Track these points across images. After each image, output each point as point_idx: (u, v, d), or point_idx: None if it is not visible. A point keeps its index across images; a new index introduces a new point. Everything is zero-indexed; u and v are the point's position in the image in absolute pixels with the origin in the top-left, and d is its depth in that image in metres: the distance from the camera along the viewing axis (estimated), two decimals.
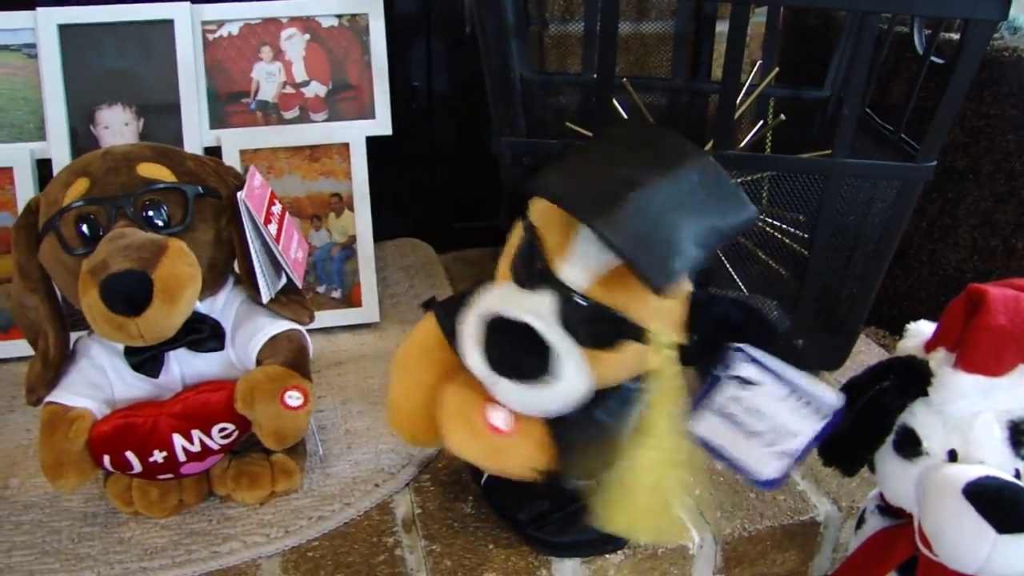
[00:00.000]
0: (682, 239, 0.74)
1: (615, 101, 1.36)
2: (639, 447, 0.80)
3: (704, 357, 0.83)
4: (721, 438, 0.84)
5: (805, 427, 0.82)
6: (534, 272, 0.79)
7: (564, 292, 0.77)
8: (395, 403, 0.95)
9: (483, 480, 1.00)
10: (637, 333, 0.78)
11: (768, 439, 0.82)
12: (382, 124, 1.39)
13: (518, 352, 0.77)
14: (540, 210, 0.81)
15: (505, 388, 0.79)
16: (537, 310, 0.76)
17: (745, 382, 0.82)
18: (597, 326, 0.78)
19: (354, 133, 1.37)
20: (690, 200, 0.76)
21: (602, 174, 0.77)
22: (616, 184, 0.74)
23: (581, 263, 0.77)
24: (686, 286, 0.81)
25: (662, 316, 0.79)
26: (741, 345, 0.82)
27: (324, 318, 1.37)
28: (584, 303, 0.77)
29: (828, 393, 0.81)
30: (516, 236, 0.83)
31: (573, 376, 0.77)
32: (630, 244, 0.71)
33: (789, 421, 0.82)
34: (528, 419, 0.83)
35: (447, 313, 0.90)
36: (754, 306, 0.84)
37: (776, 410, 0.82)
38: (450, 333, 0.88)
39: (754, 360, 0.82)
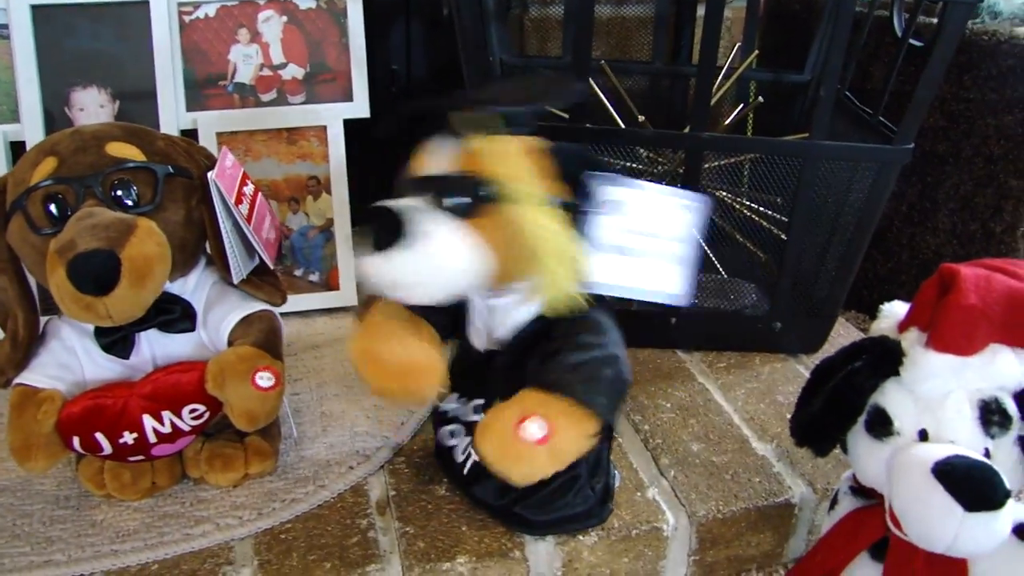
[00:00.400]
0: (509, 95, 0.90)
1: (594, 84, 1.36)
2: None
3: (575, 197, 0.88)
4: (620, 275, 0.87)
5: (685, 229, 0.87)
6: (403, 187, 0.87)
7: (426, 185, 0.85)
8: (371, 354, 0.93)
9: (465, 471, 0.99)
10: (493, 186, 0.83)
11: (660, 252, 0.87)
12: (360, 107, 1.38)
13: (383, 229, 0.81)
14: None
15: (379, 264, 0.81)
16: (402, 202, 0.83)
17: (614, 207, 0.87)
18: (460, 190, 0.83)
19: (332, 116, 1.36)
20: (525, 83, 0.98)
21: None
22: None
23: (434, 161, 0.87)
24: (533, 140, 0.88)
25: (521, 172, 0.85)
26: (598, 173, 0.88)
27: (301, 301, 1.36)
28: (442, 180, 0.85)
29: (689, 193, 0.89)
30: None
31: (437, 233, 0.81)
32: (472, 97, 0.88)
33: (670, 228, 0.87)
34: (552, 409, 0.84)
35: None
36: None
37: (654, 222, 0.87)
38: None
39: (614, 182, 0.87)
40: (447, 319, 0.97)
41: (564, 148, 0.88)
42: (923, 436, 0.78)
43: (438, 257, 0.82)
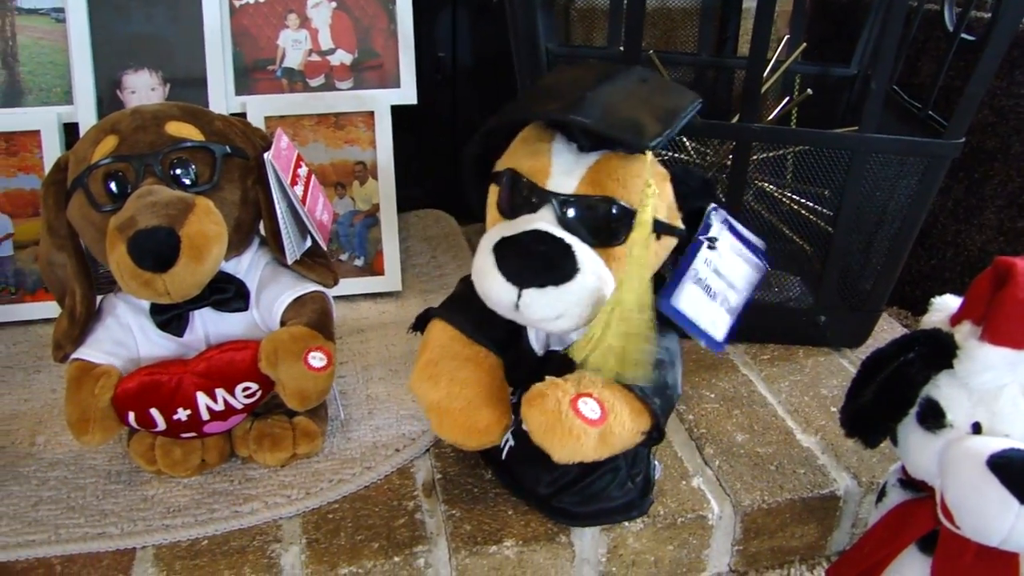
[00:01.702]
0: (642, 115, 0.82)
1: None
2: (611, 315, 0.81)
3: (691, 225, 0.88)
4: (695, 308, 0.87)
5: (743, 283, 0.88)
6: (523, 201, 0.84)
7: (557, 201, 0.83)
8: (443, 409, 0.90)
9: (503, 455, 1.00)
10: (630, 215, 0.81)
11: (722, 297, 0.88)
12: (407, 93, 1.39)
13: (535, 259, 0.79)
14: (506, 156, 0.88)
15: (531, 299, 0.80)
16: (539, 221, 0.81)
17: (713, 240, 0.87)
18: (598, 221, 0.82)
19: (379, 101, 1.37)
20: (637, 92, 0.86)
21: (555, 92, 0.86)
22: (572, 93, 0.83)
23: (564, 172, 0.84)
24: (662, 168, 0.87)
25: (655, 199, 0.82)
26: (716, 206, 0.88)
27: (346, 286, 1.37)
28: (578, 202, 0.83)
29: (763, 251, 0.90)
30: (493, 194, 0.89)
31: (590, 266, 0.80)
32: (602, 122, 0.80)
33: (735, 276, 0.88)
34: (610, 394, 0.83)
35: (451, 312, 0.93)
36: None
37: (729, 266, 0.88)
38: (466, 327, 0.92)
39: (725, 220, 0.88)
40: (504, 333, 0.94)
41: (689, 174, 0.87)
42: (976, 429, 0.78)
43: (589, 293, 0.81)
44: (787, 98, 1.47)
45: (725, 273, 0.88)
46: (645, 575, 1.01)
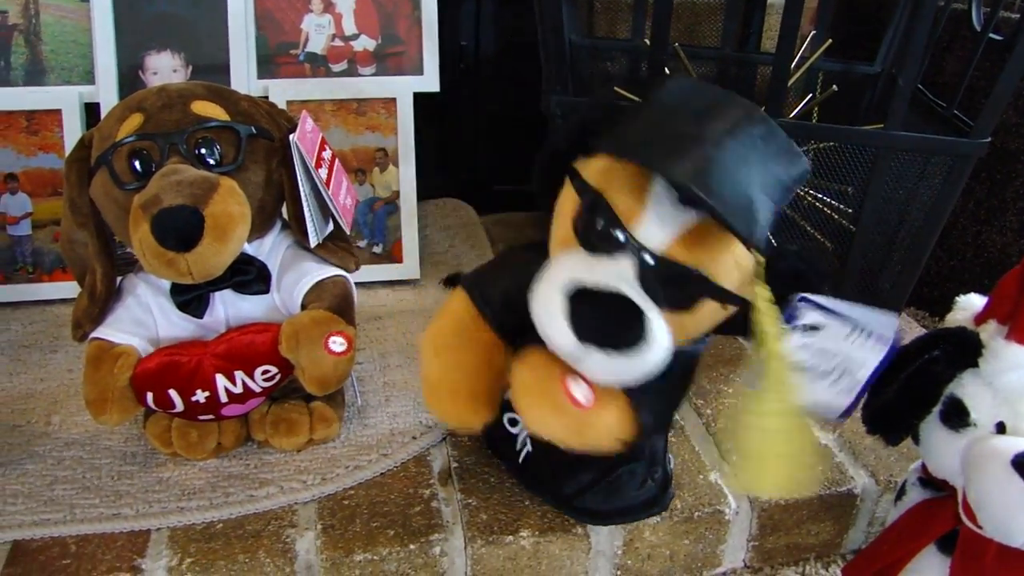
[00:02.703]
0: (756, 192, 0.73)
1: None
2: (763, 410, 0.78)
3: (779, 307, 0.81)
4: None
5: (870, 355, 0.82)
6: (605, 236, 0.76)
7: (643, 255, 0.75)
8: (433, 384, 0.89)
9: (520, 458, 0.99)
10: (718, 292, 0.77)
11: (835, 375, 0.83)
12: (430, 80, 1.38)
13: (610, 321, 0.74)
14: (598, 171, 0.79)
15: (596, 360, 0.74)
16: (619, 276, 0.74)
17: (810, 328, 0.81)
18: (678, 287, 0.76)
19: (401, 89, 1.37)
20: (756, 154, 0.75)
21: (668, 131, 0.75)
22: (687, 140, 0.72)
23: (658, 223, 0.75)
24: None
25: (738, 273, 0.78)
26: (804, 294, 0.82)
27: (364, 273, 1.36)
28: (665, 265, 0.75)
29: (885, 319, 0.83)
30: (570, 201, 0.81)
31: (660, 340, 0.75)
32: (719, 199, 0.69)
33: (856, 353, 0.82)
34: (606, 390, 0.80)
35: (478, 287, 0.89)
36: (810, 256, 0.82)
37: (843, 347, 0.83)
38: (485, 309, 0.88)
39: (818, 306, 0.82)
40: (525, 321, 0.86)
41: (786, 256, 0.81)
42: (1000, 429, 0.77)
43: (652, 366, 0.76)
44: (810, 95, 1.46)
45: (836, 353, 0.83)
46: (660, 569, 1.00)
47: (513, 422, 0.99)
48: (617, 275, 0.74)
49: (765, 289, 0.77)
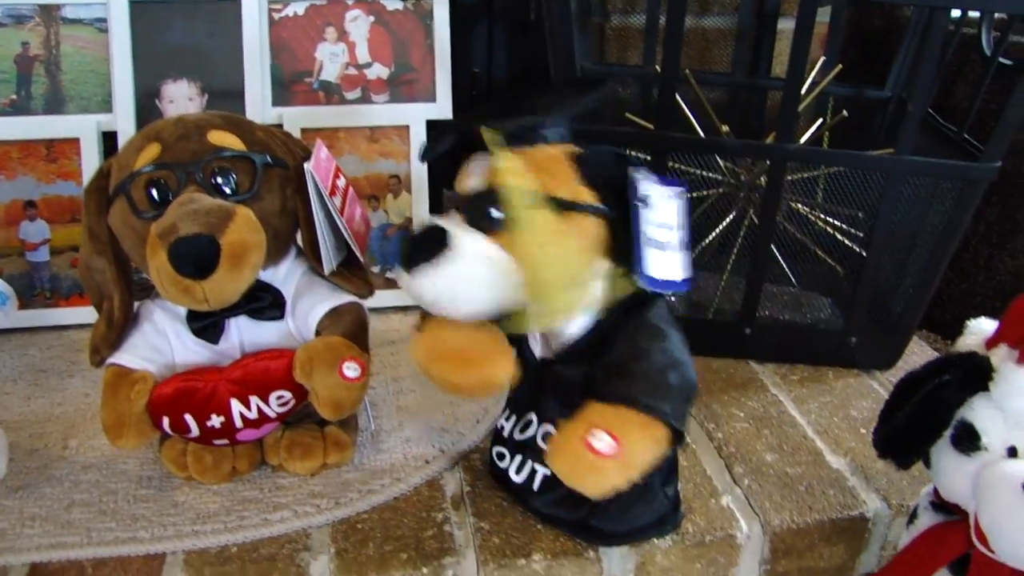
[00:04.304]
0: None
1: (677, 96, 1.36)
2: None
3: (619, 196, 0.89)
4: (660, 268, 0.88)
5: (682, 218, 0.91)
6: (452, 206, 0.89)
7: (458, 200, 0.88)
8: (438, 351, 0.91)
9: (535, 486, 0.98)
10: (509, 203, 0.84)
11: (672, 244, 0.89)
12: (442, 108, 1.40)
13: (412, 244, 0.84)
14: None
15: (411, 280, 0.84)
16: (443, 220, 0.86)
17: (643, 202, 0.88)
18: (478, 209, 0.86)
19: (415, 116, 1.38)
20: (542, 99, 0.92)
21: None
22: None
23: (474, 177, 0.88)
24: (567, 147, 0.89)
25: (552, 179, 0.87)
26: (637, 167, 0.90)
27: (378, 298, 1.35)
28: (478, 197, 0.86)
29: (674, 181, 0.91)
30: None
31: (467, 246, 0.83)
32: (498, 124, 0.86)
33: (672, 218, 0.90)
34: (617, 421, 0.84)
35: None
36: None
37: (665, 213, 0.89)
38: None
39: (646, 176, 0.89)
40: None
41: (594, 152, 0.89)
42: (1012, 453, 0.78)
43: (467, 273, 0.83)
44: (820, 120, 1.47)
45: (665, 221, 0.89)
46: None
47: (500, 456, 1.02)
48: (441, 220, 0.86)
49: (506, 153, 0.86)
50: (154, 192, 0.90)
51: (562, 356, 0.94)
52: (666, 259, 0.88)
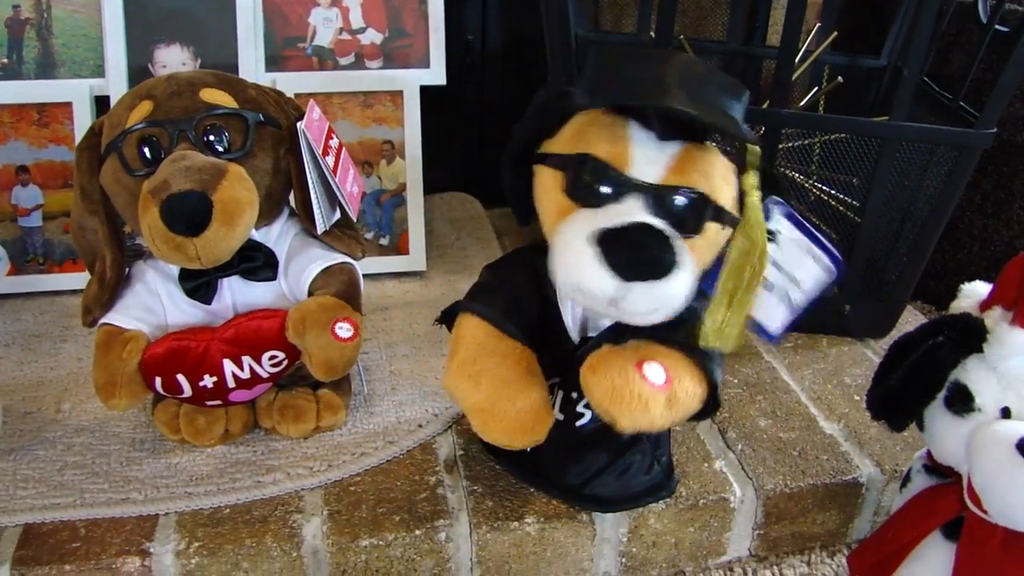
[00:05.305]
0: (724, 104, 0.80)
1: None
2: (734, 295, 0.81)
3: None
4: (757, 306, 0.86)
5: (811, 281, 0.86)
6: (606, 186, 0.80)
7: (646, 190, 0.79)
8: (486, 411, 0.85)
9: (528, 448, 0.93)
10: (718, 210, 0.81)
11: (780, 290, 0.86)
12: (436, 74, 1.39)
13: (644, 253, 0.76)
14: (569, 140, 0.83)
15: (638, 294, 0.76)
16: (635, 213, 0.77)
17: (772, 236, 0.85)
18: (684, 212, 0.79)
19: (408, 81, 1.37)
20: (710, 87, 0.81)
21: (632, 81, 0.82)
22: (650, 83, 0.79)
23: (647, 160, 0.80)
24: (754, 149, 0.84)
25: (728, 189, 0.82)
26: (775, 197, 0.86)
27: (371, 264, 1.38)
28: (667, 193, 0.79)
29: (833, 255, 0.87)
30: (550, 178, 0.83)
31: (689, 263, 0.77)
32: (704, 111, 0.76)
33: (799, 273, 0.86)
34: (669, 360, 0.82)
35: (484, 307, 0.88)
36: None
37: (791, 261, 0.86)
38: (504, 322, 0.87)
39: (787, 212, 0.86)
40: (535, 320, 0.91)
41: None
42: (1005, 413, 0.78)
43: (687, 286, 0.78)
44: (816, 88, 1.46)
45: (786, 268, 0.86)
46: (665, 556, 1.01)
47: None
48: (632, 213, 0.77)
49: (755, 177, 0.81)
50: (146, 150, 0.90)
51: (604, 335, 0.90)
52: (767, 301, 0.86)
